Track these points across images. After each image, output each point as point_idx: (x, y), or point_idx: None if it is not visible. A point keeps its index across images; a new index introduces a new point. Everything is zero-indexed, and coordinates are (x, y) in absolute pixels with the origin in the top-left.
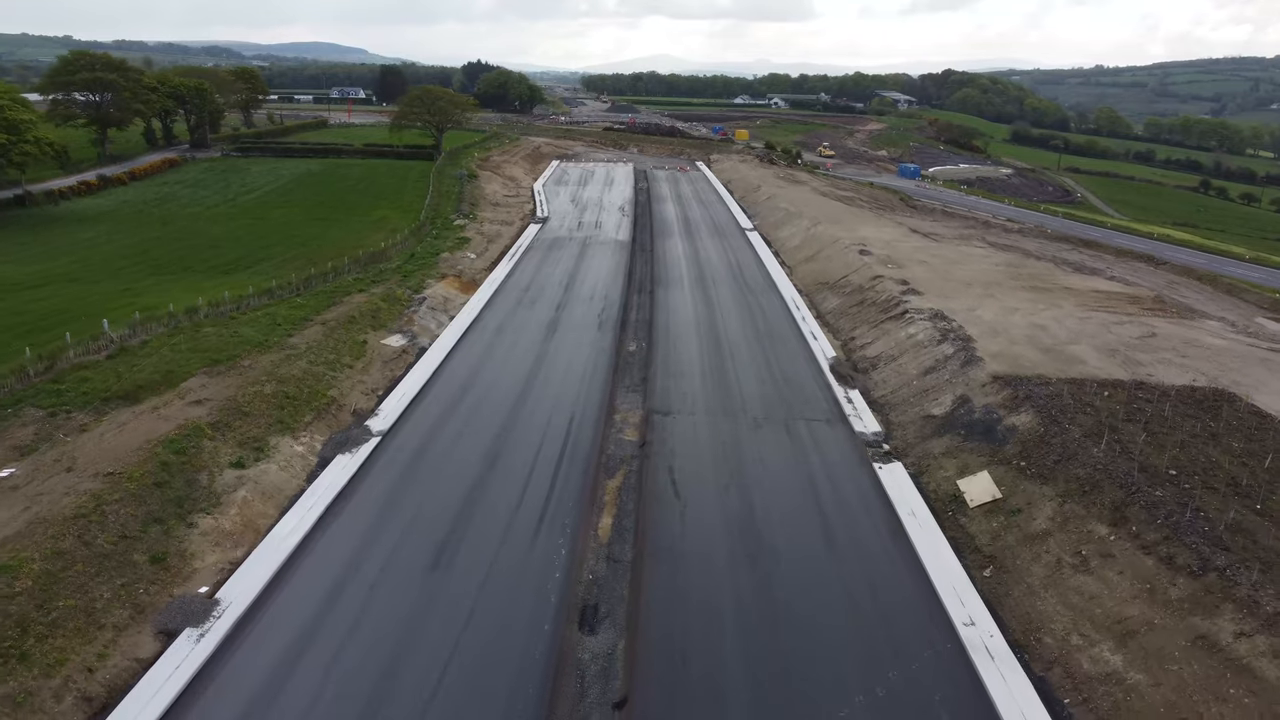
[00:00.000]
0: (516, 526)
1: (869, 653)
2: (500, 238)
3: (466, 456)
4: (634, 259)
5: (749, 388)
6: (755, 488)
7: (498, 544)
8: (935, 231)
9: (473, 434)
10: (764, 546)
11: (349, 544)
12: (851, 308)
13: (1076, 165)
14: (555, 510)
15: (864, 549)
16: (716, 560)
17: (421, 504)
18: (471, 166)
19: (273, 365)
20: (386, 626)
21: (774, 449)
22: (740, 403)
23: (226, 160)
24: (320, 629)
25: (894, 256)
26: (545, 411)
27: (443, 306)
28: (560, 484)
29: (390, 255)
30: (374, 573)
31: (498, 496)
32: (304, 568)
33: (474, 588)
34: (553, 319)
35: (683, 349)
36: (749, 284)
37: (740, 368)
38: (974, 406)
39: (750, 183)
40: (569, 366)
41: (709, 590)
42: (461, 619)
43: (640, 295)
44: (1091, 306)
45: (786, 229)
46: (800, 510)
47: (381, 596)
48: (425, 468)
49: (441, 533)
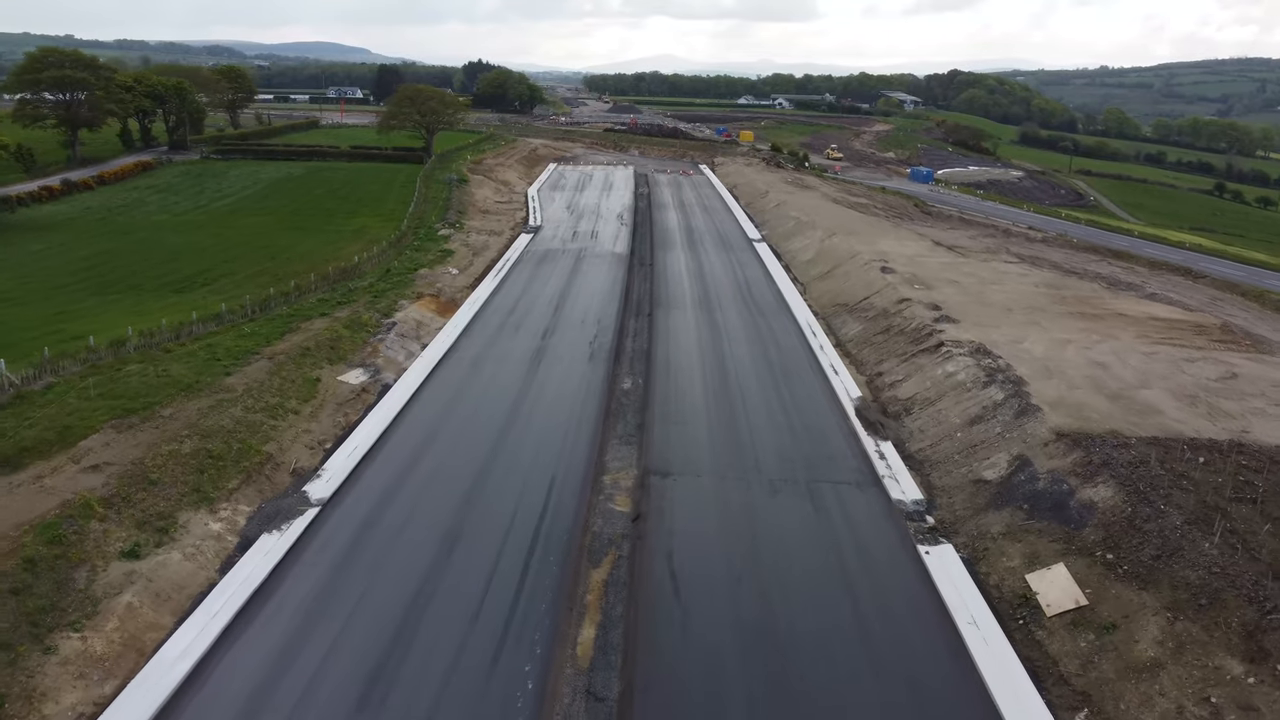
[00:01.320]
0: (473, 646)
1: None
2: (487, 250)
3: (420, 537)
4: (632, 275)
5: (763, 438)
6: (775, 584)
7: (446, 672)
8: (960, 244)
9: (432, 503)
10: (790, 672)
11: (255, 671)
12: (876, 336)
13: (1088, 168)
14: (524, 618)
15: (918, 679)
16: (730, 699)
17: (357, 608)
18: (462, 170)
19: (199, 414)
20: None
21: (796, 525)
22: (753, 459)
23: (205, 163)
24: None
25: (920, 275)
26: (521, 472)
27: (415, 333)
28: (532, 578)
29: (364, 271)
30: (281, 718)
31: (453, 599)
32: (191, 710)
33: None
34: (538, 349)
35: (685, 387)
36: (759, 305)
37: (752, 411)
38: (1036, 471)
39: (757, 188)
40: (553, 410)
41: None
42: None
43: (638, 319)
44: (1153, 338)
45: (798, 240)
46: (833, 617)
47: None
48: (368, 554)
49: (376, 654)
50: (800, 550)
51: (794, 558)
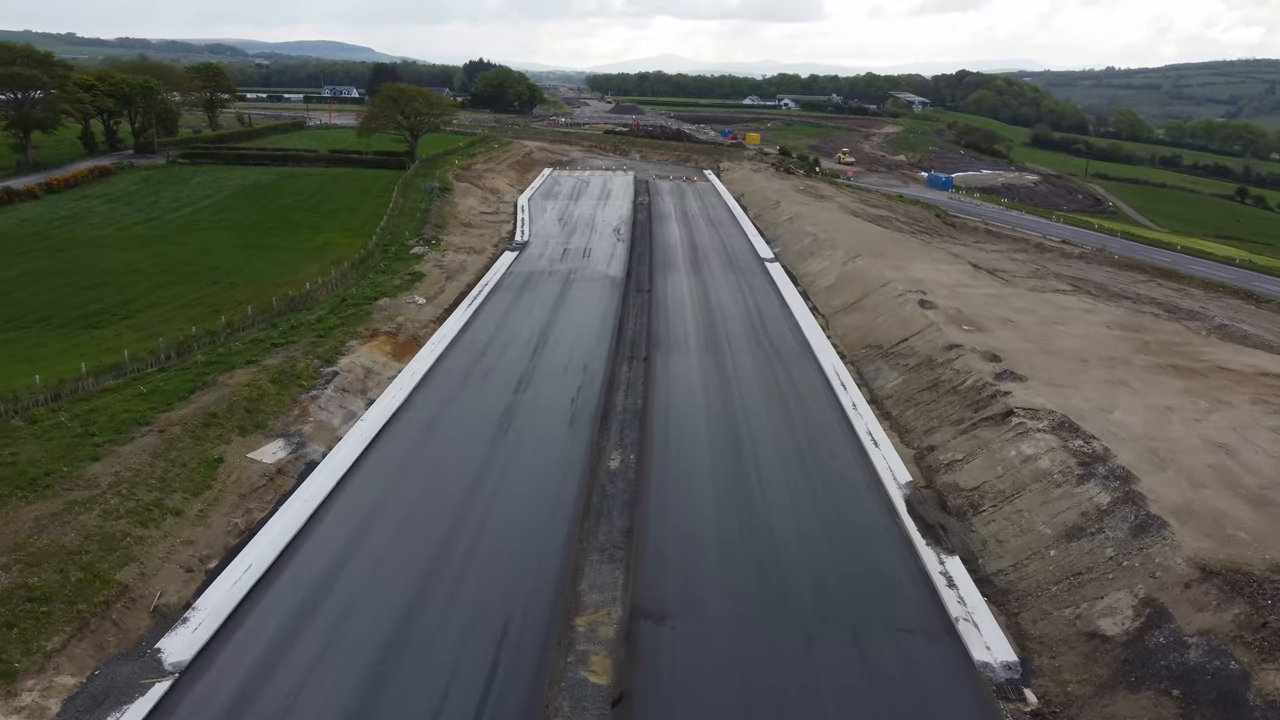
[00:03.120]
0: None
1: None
2: (464, 272)
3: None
4: (627, 305)
5: (791, 551)
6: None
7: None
8: (1001, 267)
9: (335, 670)
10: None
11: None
12: (921, 392)
13: (1105, 171)
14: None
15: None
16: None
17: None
18: (447, 177)
19: (33, 528)
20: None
21: (848, 707)
22: (778, 586)
23: (170, 169)
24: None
25: (967, 311)
26: (465, 613)
27: (360, 385)
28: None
29: (315, 300)
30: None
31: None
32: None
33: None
34: (508, 408)
35: (688, 468)
36: (775, 345)
37: (774, 506)
38: (1180, 631)
39: (767, 197)
40: (517, 506)
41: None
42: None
43: (632, 365)
44: (1275, 404)
45: (816, 261)
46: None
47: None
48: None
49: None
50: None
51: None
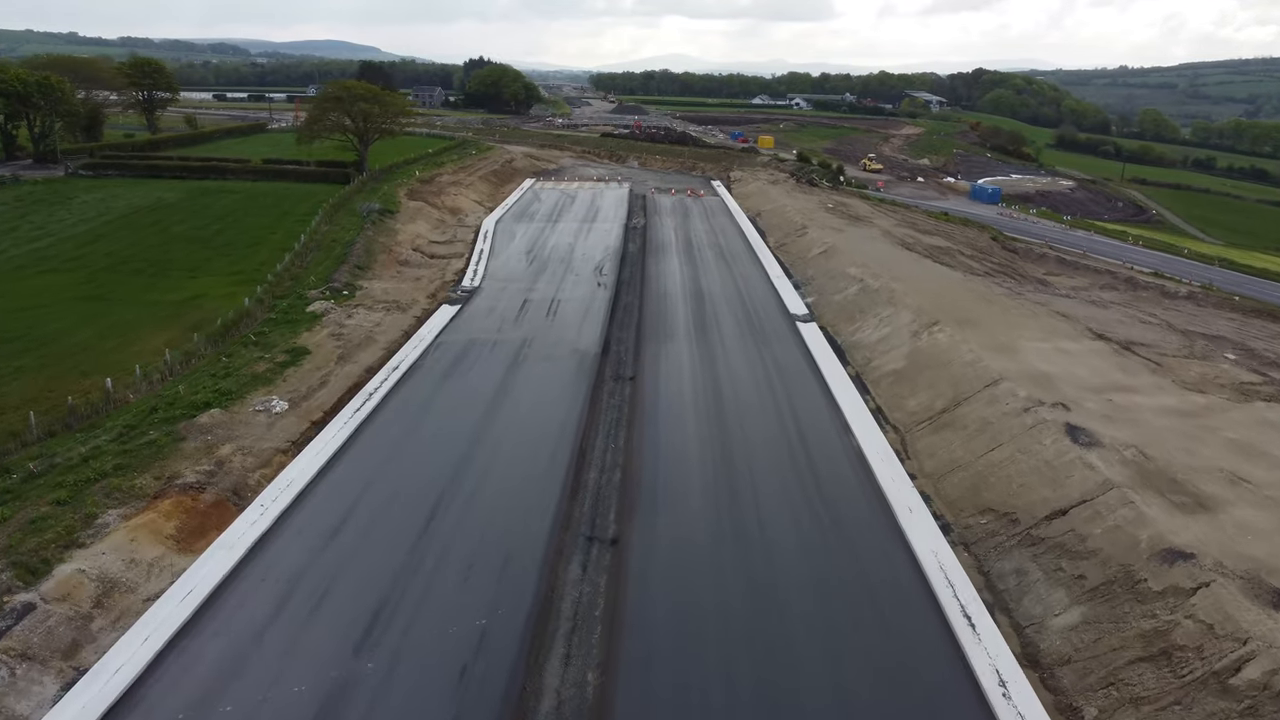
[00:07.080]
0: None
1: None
2: (370, 344)
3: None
4: (596, 411)
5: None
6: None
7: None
8: (1139, 340)
9: None
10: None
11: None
12: (1133, 665)
13: (1140, 175)
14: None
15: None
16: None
17: None
18: (395, 195)
19: None
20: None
21: None
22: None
23: (63, 183)
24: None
25: (1154, 452)
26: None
27: (70, 635)
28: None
29: (121, 404)
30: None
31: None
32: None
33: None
34: (339, 680)
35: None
36: (831, 502)
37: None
38: None
39: (790, 219)
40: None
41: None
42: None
43: (593, 553)
44: None
45: (870, 324)
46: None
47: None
48: None
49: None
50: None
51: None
